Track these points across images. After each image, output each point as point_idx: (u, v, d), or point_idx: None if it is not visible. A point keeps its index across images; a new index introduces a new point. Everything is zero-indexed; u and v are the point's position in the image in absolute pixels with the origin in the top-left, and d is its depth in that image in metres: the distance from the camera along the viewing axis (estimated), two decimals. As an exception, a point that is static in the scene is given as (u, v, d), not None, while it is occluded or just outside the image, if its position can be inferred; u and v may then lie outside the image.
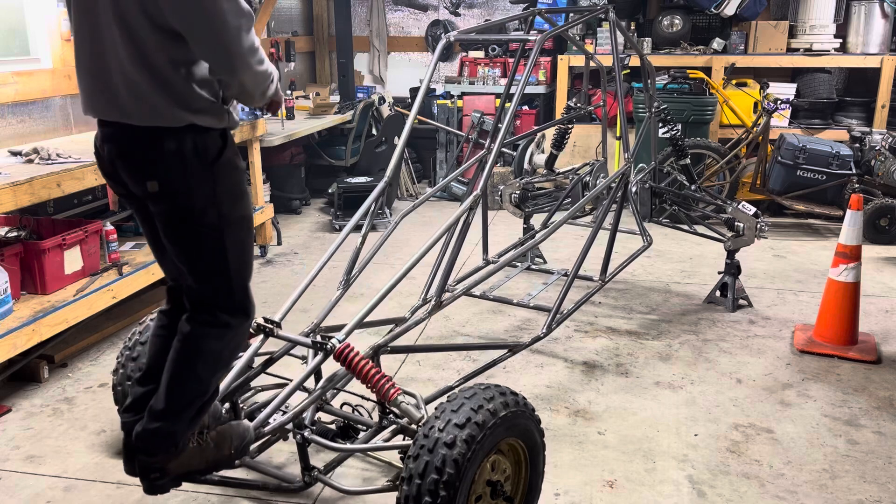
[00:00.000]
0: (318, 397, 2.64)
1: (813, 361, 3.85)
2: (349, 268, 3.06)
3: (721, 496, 2.76)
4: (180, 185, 2.12)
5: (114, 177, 2.23)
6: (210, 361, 2.27)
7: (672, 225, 5.11)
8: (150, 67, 2.05)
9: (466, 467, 2.12)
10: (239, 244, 2.27)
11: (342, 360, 2.50)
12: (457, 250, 3.22)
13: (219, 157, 2.17)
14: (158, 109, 2.06)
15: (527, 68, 3.29)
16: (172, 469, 2.28)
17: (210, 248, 2.21)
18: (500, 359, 3.32)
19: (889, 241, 5.86)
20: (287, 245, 5.92)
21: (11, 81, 4.18)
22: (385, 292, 2.76)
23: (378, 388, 2.44)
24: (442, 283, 3.07)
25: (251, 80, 2.11)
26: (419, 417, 2.37)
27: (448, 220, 3.04)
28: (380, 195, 3.22)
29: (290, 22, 8.20)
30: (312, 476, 2.48)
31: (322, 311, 2.91)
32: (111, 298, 3.89)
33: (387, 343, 2.82)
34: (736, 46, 7.11)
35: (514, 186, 4.92)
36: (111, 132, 2.15)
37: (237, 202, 2.23)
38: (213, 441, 2.34)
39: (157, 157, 2.10)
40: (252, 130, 5.23)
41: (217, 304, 2.26)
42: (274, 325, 2.67)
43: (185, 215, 2.16)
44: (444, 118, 7.64)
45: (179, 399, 2.24)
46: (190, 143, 2.10)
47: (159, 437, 2.23)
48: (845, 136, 6.59)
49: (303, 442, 2.50)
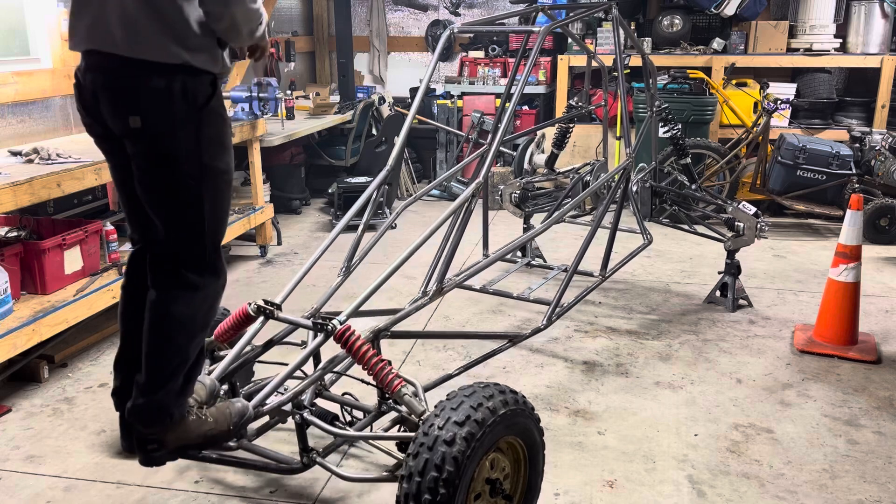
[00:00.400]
0: (318, 378, 2.62)
1: (813, 361, 3.85)
2: (350, 255, 3.07)
3: (721, 496, 2.76)
4: (164, 125, 2.06)
5: (92, 111, 2.16)
6: (184, 327, 2.21)
7: (672, 225, 5.11)
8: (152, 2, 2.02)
9: (466, 465, 2.13)
10: (217, 197, 2.21)
11: (342, 342, 2.48)
12: (458, 238, 3.21)
13: (207, 104, 2.12)
14: (152, 42, 2.02)
15: (529, 60, 3.28)
16: (170, 441, 2.25)
17: (186, 197, 2.15)
18: (501, 349, 3.32)
19: (889, 241, 5.86)
20: (287, 245, 5.92)
21: (11, 81, 4.19)
22: (387, 275, 2.75)
23: (377, 373, 2.44)
24: (443, 269, 3.06)
25: (242, 14, 2.07)
26: (421, 411, 2.37)
27: (451, 206, 3.03)
28: (381, 184, 3.22)
29: (290, 22, 8.20)
30: (311, 458, 2.47)
31: (323, 296, 2.91)
32: (111, 298, 3.89)
33: (387, 327, 2.80)
34: (736, 46, 7.11)
35: (514, 186, 4.92)
36: (97, 61, 2.09)
37: (219, 153, 2.18)
38: (212, 416, 2.32)
39: (143, 92, 2.04)
40: (252, 130, 5.23)
41: (185, 260, 2.19)
42: (274, 308, 2.66)
43: (165, 159, 2.10)
44: (444, 118, 7.64)
45: (162, 370, 2.20)
46: (179, 83, 2.05)
47: (151, 411, 2.21)
48: (845, 136, 6.59)
49: (302, 422, 2.48)
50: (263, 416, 2.50)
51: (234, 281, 5.08)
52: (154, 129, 2.07)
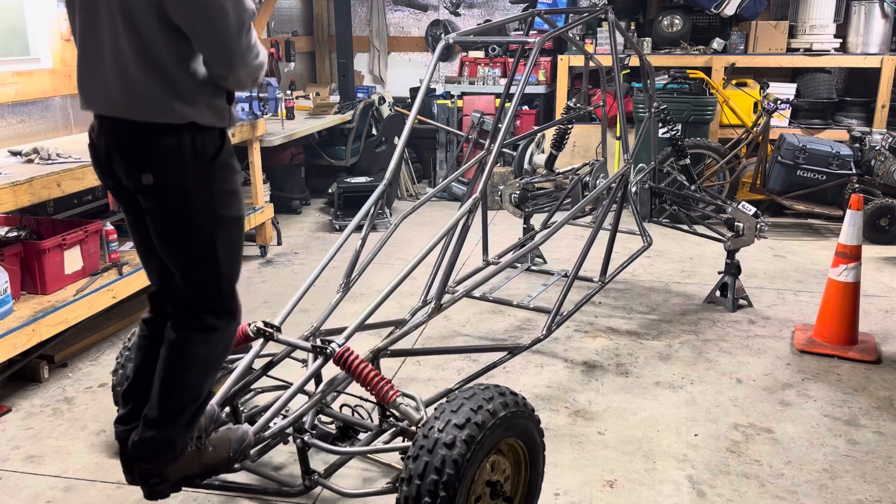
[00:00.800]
0: (318, 401, 2.64)
1: (813, 361, 3.85)
2: (349, 270, 3.06)
3: (721, 496, 2.76)
4: (176, 181, 2.11)
5: (107, 169, 2.20)
6: (199, 366, 2.25)
7: (672, 225, 5.11)
8: (154, 64, 2.04)
9: (466, 468, 2.12)
10: (230, 245, 2.25)
11: (342, 364, 2.50)
12: (456, 253, 3.22)
13: (216, 157, 2.15)
14: (160, 106, 2.05)
15: (526, 69, 3.29)
16: (171, 474, 2.27)
17: (201, 248, 2.19)
18: (500, 361, 3.34)
19: (889, 241, 5.86)
20: (287, 245, 5.92)
21: (11, 81, 4.18)
22: (384, 297, 2.77)
23: (378, 391, 2.45)
24: (441, 286, 3.07)
25: (246, 74, 2.11)
26: (418, 419, 2.37)
27: (447, 224, 3.03)
28: (379, 198, 3.22)
29: (290, 22, 8.20)
30: (313, 480, 2.48)
31: (322, 315, 2.91)
32: (111, 298, 3.89)
33: (386, 347, 2.84)
34: (736, 46, 7.11)
35: (514, 186, 4.92)
36: (110, 126, 2.14)
37: (231, 202, 2.22)
38: (212, 445, 2.34)
39: (154, 152, 2.08)
40: (252, 130, 5.23)
41: (203, 306, 2.24)
42: (274, 330, 2.67)
43: (178, 213, 2.14)
44: (444, 118, 7.64)
45: (172, 406, 2.23)
46: (188, 140, 2.09)
47: (156, 445, 2.22)
48: (845, 136, 6.59)
49: (303, 446, 2.50)
50: (265, 441, 2.51)
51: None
52: (166, 185, 2.11)
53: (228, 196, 2.21)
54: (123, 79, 2.06)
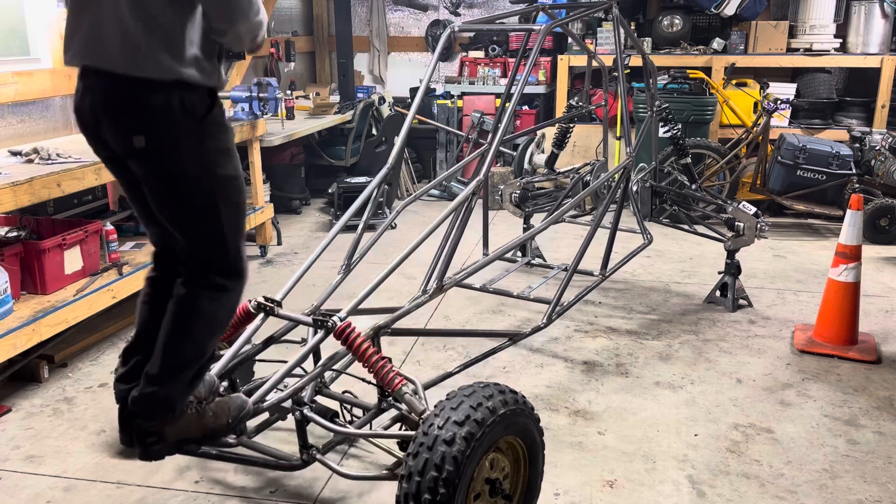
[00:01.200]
0: (318, 375, 2.62)
1: (813, 361, 3.85)
2: (350, 253, 3.07)
3: (721, 496, 2.76)
4: (167, 141, 2.06)
5: (94, 134, 2.15)
6: (206, 323, 2.24)
7: (672, 224, 5.11)
8: (148, 14, 1.99)
9: (465, 464, 2.13)
10: (230, 203, 2.21)
11: (342, 339, 2.48)
12: (458, 236, 3.21)
13: (207, 115, 2.11)
14: (149, 59, 2.00)
15: (530, 59, 3.28)
16: (169, 435, 2.25)
17: (201, 208, 2.16)
18: (501, 347, 3.33)
19: (889, 241, 5.86)
20: (287, 245, 5.92)
21: (11, 81, 4.19)
22: (387, 273, 2.76)
23: (377, 371, 2.44)
24: (444, 267, 3.05)
25: (246, 28, 2.08)
26: (422, 410, 2.38)
27: (452, 204, 3.03)
28: (382, 182, 3.23)
29: (290, 22, 8.20)
30: (311, 455, 2.47)
31: (323, 294, 2.91)
32: (111, 298, 3.89)
33: (388, 324, 2.80)
34: (736, 46, 7.11)
35: (514, 186, 4.92)
36: (94, 82, 2.08)
37: (226, 161, 2.18)
38: (211, 411, 2.32)
39: (143, 112, 2.03)
40: (252, 130, 5.23)
41: (212, 266, 2.22)
42: (274, 304, 2.66)
43: (173, 175, 2.10)
44: (444, 118, 7.64)
45: (176, 362, 2.21)
46: (178, 98, 2.04)
47: (157, 402, 2.21)
48: (845, 136, 6.59)
49: (302, 419, 2.48)
50: (263, 412, 2.50)
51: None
52: (158, 146, 2.07)
53: (222, 155, 2.17)
54: (116, 28, 2.01)
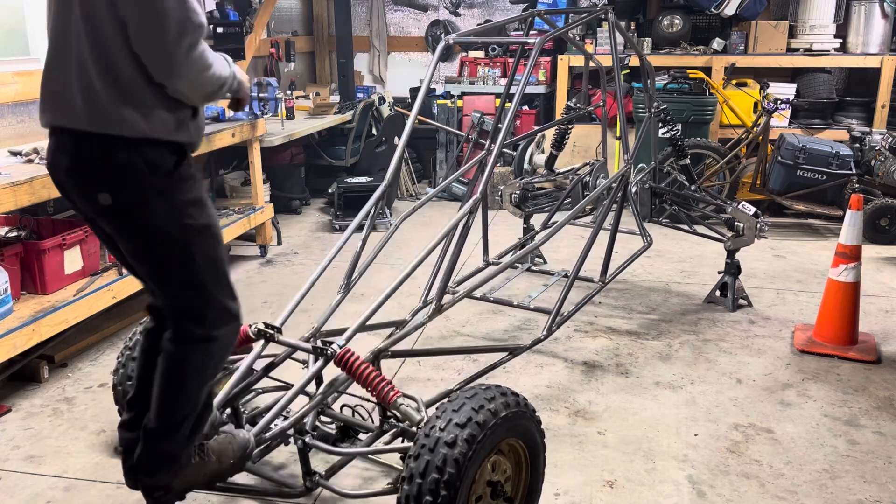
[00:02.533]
0: (320, 403, 2.64)
1: (813, 361, 3.85)
2: (350, 271, 3.07)
3: (721, 496, 2.76)
4: (134, 199, 2.01)
5: (66, 193, 2.11)
6: (197, 376, 2.20)
7: (672, 225, 5.11)
8: (113, 71, 1.96)
9: (467, 467, 2.12)
10: (207, 251, 2.16)
11: (343, 366, 2.51)
12: (457, 254, 3.23)
13: (175, 170, 2.05)
14: (112, 116, 1.96)
15: (526, 70, 3.29)
16: (176, 485, 2.24)
17: (177, 261, 2.11)
18: (501, 361, 3.34)
19: (889, 241, 5.86)
20: (287, 245, 5.92)
21: (11, 81, 4.18)
22: (384, 299, 2.78)
23: (378, 392, 2.45)
24: (442, 286, 3.07)
25: (188, 87, 1.99)
26: (419, 419, 2.37)
27: (447, 225, 3.04)
28: (379, 199, 3.22)
29: (290, 22, 8.20)
30: (314, 481, 2.48)
31: (322, 316, 2.91)
32: (111, 298, 3.89)
33: (387, 348, 2.84)
34: (736, 46, 7.11)
35: (514, 186, 4.92)
36: (62, 141, 2.05)
37: (198, 211, 2.12)
38: (215, 454, 2.31)
39: (107, 169, 1.98)
40: (252, 130, 5.23)
41: (196, 319, 2.17)
42: (275, 331, 2.67)
43: (144, 230, 2.06)
44: (444, 118, 7.64)
45: (172, 417, 2.19)
46: (143, 155, 1.99)
47: (159, 458, 2.20)
48: (845, 136, 6.59)
49: (304, 447, 2.50)
50: (266, 443, 2.51)
51: (235, 281, 5.06)
52: (125, 204, 2.02)
53: (194, 206, 2.11)
54: (82, 85, 1.97)
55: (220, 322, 2.22)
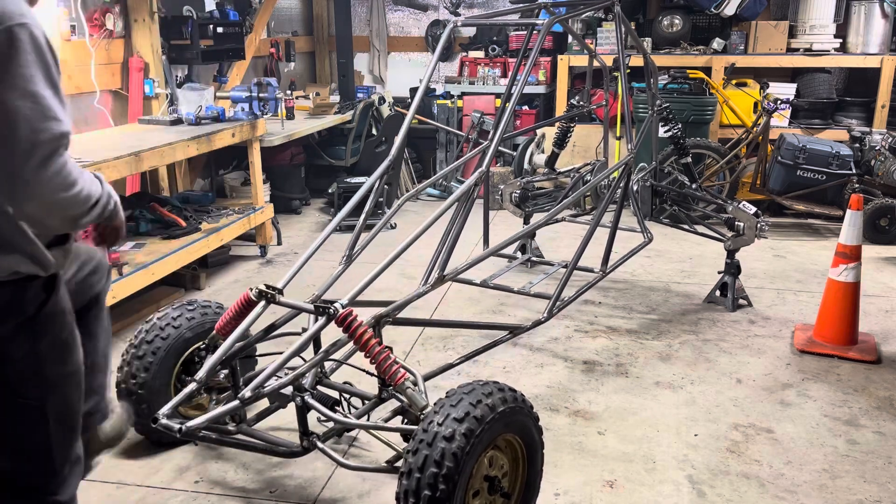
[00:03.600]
0: (320, 361, 2.62)
1: (813, 361, 3.84)
2: (351, 244, 3.09)
3: (721, 496, 2.75)
4: None
5: None
6: None
7: (672, 224, 5.11)
8: None
9: (465, 461, 2.13)
10: (63, 408, 1.82)
11: (344, 326, 2.47)
12: (460, 228, 3.20)
13: (41, 309, 1.72)
14: None
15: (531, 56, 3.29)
16: None
17: (27, 422, 1.76)
18: (501, 340, 3.35)
19: (889, 241, 5.85)
20: (287, 245, 5.92)
21: None
22: (389, 261, 2.76)
23: (378, 360, 2.44)
24: (445, 259, 3.05)
25: (42, 211, 1.60)
26: (423, 405, 2.38)
27: (454, 194, 3.04)
28: (384, 174, 3.23)
29: (290, 22, 8.20)
30: (311, 441, 2.47)
31: (324, 284, 2.91)
32: (111, 298, 3.88)
33: (389, 313, 2.80)
34: (736, 46, 7.11)
35: (514, 186, 4.92)
36: None
37: (63, 356, 1.80)
38: None
39: None
40: (252, 130, 5.23)
41: (38, 487, 1.81)
42: (276, 292, 2.64)
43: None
44: (444, 118, 7.64)
45: None
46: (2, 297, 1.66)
47: None
48: (845, 136, 6.59)
49: (303, 405, 2.48)
50: (263, 397, 2.48)
51: (234, 281, 5.08)
52: None
53: (60, 349, 1.78)
54: None
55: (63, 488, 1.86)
